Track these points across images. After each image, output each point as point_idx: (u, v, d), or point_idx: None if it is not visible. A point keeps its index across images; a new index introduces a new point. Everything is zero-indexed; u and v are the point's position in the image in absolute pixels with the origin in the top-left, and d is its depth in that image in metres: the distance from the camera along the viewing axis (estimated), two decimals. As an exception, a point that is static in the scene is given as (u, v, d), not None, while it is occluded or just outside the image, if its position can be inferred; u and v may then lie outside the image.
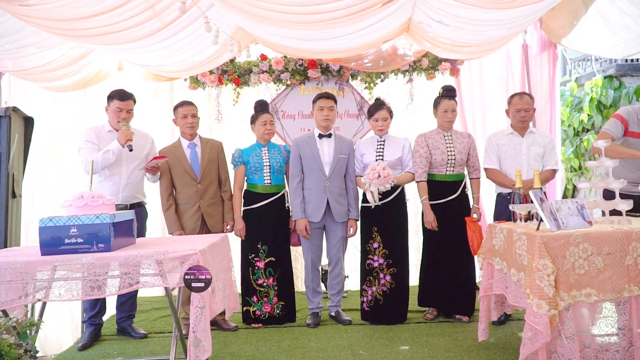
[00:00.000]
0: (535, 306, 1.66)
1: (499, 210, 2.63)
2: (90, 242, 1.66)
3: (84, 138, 2.48)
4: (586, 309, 1.74)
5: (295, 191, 2.65)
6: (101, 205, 1.76)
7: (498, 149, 2.63)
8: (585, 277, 1.70)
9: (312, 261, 2.69)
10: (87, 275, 1.62)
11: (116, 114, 2.49)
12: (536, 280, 1.67)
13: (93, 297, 1.65)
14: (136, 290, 2.41)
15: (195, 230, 2.60)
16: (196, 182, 2.61)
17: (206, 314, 1.64)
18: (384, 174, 2.47)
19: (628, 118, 2.30)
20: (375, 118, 2.67)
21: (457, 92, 3.49)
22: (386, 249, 2.61)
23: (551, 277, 1.66)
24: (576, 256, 1.71)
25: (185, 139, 2.68)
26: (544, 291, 1.65)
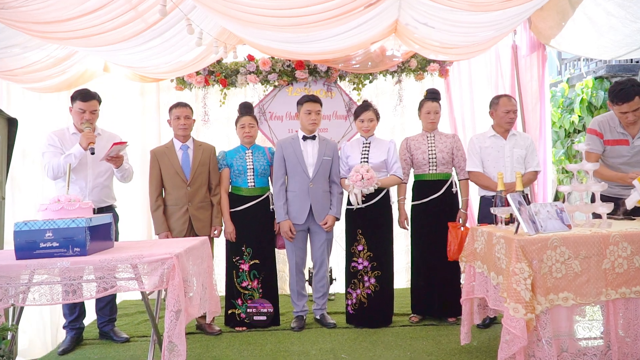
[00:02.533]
0: (512, 310, 1.67)
1: (482, 213, 2.66)
2: (65, 246, 1.66)
3: (47, 142, 2.45)
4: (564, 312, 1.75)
5: (279, 193, 2.67)
6: (77, 209, 1.77)
7: (481, 151, 2.66)
8: (563, 280, 1.72)
9: (296, 263, 2.71)
10: (63, 279, 1.62)
11: (79, 115, 2.46)
12: (513, 284, 1.68)
13: (69, 302, 1.66)
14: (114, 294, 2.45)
15: (182, 233, 2.62)
16: (186, 184, 2.62)
17: (182, 318, 1.65)
18: (367, 176, 2.49)
19: (601, 129, 2.34)
20: (361, 119, 2.69)
21: (446, 93, 3.57)
22: (370, 251, 2.63)
23: (528, 281, 1.67)
24: (553, 260, 1.72)
25: (178, 140, 2.70)
26: (521, 295, 1.67)
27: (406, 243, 3.44)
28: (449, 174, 2.74)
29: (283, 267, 3.59)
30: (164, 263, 1.66)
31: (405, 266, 3.56)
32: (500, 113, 2.65)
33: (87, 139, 2.35)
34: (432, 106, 2.73)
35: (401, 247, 3.56)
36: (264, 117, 3.52)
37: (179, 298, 1.63)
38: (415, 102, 3.06)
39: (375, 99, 3.57)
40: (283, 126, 3.53)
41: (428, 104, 2.75)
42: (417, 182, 2.79)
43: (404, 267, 3.58)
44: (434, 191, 2.68)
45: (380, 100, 3.64)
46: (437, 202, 2.68)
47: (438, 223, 2.66)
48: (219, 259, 3.47)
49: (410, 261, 2.87)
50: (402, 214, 2.77)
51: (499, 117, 2.66)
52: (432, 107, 2.73)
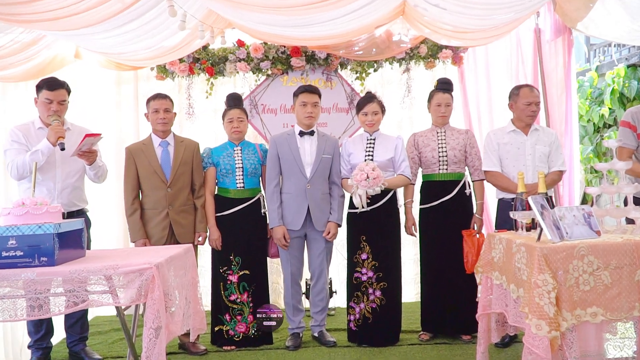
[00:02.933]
0: (534, 327, 1.67)
1: (501, 217, 2.66)
2: (31, 255, 1.65)
3: (9, 138, 2.43)
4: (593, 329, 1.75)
5: (272, 195, 2.66)
6: (45, 213, 1.76)
7: (499, 148, 2.66)
8: (591, 294, 1.72)
9: (291, 274, 2.71)
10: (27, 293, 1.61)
11: (46, 107, 2.44)
12: (535, 297, 1.68)
13: (34, 318, 1.66)
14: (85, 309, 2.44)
15: (162, 240, 2.61)
16: (166, 185, 2.62)
17: (162, 336, 1.64)
18: (373, 175, 2.49)
19: (635, 121, 2.35)
20: (365, 112, 2.69)
21: (460, 83, 3.58)
22: (376, 260, 2.63)
23: (552, 294, 1.67)
24: (580, 270, 1.72)
25: (157, 136, 2.69)
26: (544, 310, 1.66)
27: (414, 251, 3.45)
28: (461, 174, 2.75)
29: (277, 278, 3.59)
30: (142, 274, 1.65)
31: (414, 277, 3.57)
32: (520, 105, 2.65)
33: (56, 133, 2.32)
34: (443, 98, 2.74)
35: (409, 255, 3.56)
36: (256, 110, 3.52)
37: (159, 313, 1.62)
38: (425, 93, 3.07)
39: (380, 90, 3.57)
40: (277, 120, 3.53)
41: (438, 96, 2.75)
42: (426, 183, 2.79)
43: (413, 278, 3.59)
44: (445, 193, 2.69)
45: (386, 91, 3.64)
46: (448, 205, 2.68)
47: (449, 229, 2.66)
48: (204, 269, 3.46)
49: (419, 271, 2.87)
50: (409, 219, 2.78)
51: (519, 110, 2.66)
52: (443, 98, 2.74)
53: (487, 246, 2.22)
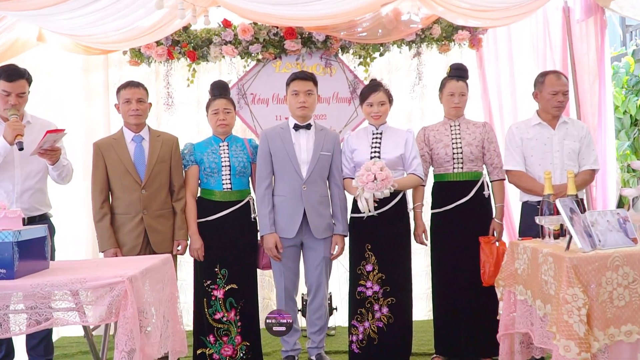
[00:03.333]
0: (562, 349, 1.69)
1: (525, 223, 2.67)
2: (-14, 266, 1.66)
3: None
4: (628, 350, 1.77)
5: (263, 198, 2.67)
6: (3, 219, 1.77)
7: (522, 144, 2.68)
8: (626, 310, 1.74)
9: (285, 289, 2.72)
10: (-19, 310, 1.62)
11: (3, 100, 2.44)
12: (564, 314, 1.70)
13: (-10, 339, 1.66)
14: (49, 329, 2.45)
15: (136, 249, 2.62)
16: (140, 186, 2.62)
17: (137, 359, 1.65)
18: (382, 176, 2.49)
19: None
20: (370, 102, 2.71)
21: (479, 69, 3.59)
22: (383, 272, 2.64)
23: (582, 311, 1.69)
24: (615, 284, 1.74)
25: (130, 130, 2.70)
26: (573, 329, 1.68)
27: (426, 262, 3.45)
28: (478, 173, 2.75)
29: (268, 293, 3.59)
30: (113, 289, 1.66)
31: (425, 292, 3.58)
32: (546, 95, 2.66)
33: (14, 130, 2.33)
34: (456, 86, 2.75)
35: (420, 267, 3.57)
36: (244, 100, 3.53)
37: (132, 334, 1.63)
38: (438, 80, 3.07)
39: (387, 77, 3.59)
40: (269, 112, 3.54)
41: (451, 84, 2.76)
42: (438, 185, 2.80)
43: (425, 293, 3.60)
44: (460, 195, 2.69)
45: (394, 78, 3.65)
46: (463, 209, 2.69)
47: (465, 236, 2.67)
48: (185, 283, 3.47)
49: (431, 286, 2.88)
50: (419, 225, 2.78)
51: (544, 101, 2.67)
52: (457, 87, 2.75)
53: (509, 256, 2.23)
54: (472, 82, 2.95)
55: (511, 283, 2.20)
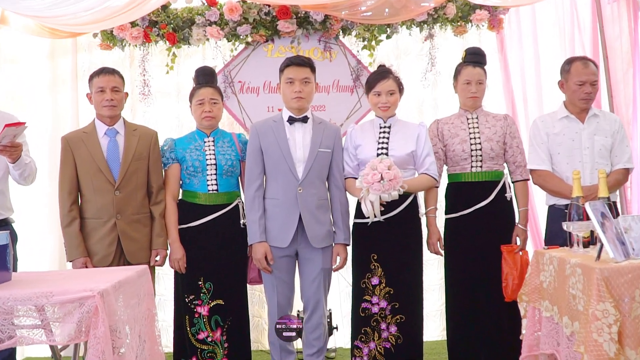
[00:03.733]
0: (591, 371, 1.70)
1: (552, 230, 2.70)
2: (-61, 279, 1.68)
3: None
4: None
5: (253, 202, 2.68)
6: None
7: (548, 140, 2.70)
8: (664, 328, 1.75)
9: (278, 305, 2.72)
10: None
11: None
12: (593, 333, 1.71)
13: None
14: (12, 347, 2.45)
15: (108, 259, 2.64)
16: (113, 187, 2.64)
17: (109, 385, 1.67)
18: (390, 175, 2.49)
19: None
20: (377, 91, 2.72)
21: (500, 53, 3.61)
22: (391, 286, 2.65)
23: (613, 328, 1.70)
24: (651, 298, 1.75)
25: (103, 123, 2.71)
26: (603, 349, 1.69)
27: (440, 275, 3.49)
28: (499, 173, 2.77)
29: (259, 310, 3.61)
30: (83, 304, 1.67)
31: (439, 309, 3.60)
32: (572, 85, 2.68)
33: None
34: (473, 73, 2.77)
35: (433, 280, 3.59)
36: (231, 88, 3.54)
37: (104, 355, 1.64)
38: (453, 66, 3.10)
39: (395, 63, 3.60)
40: (260, 103, 3.56)
41: (467, 70, 2.78)
42: (454, 186, 2.82)
43: (438, 310, 3.62)
44: (478, 198, 2.71)
45: (403, 64, 3.67)
46: (482, 214, 2.70)
47: (485, 244, 2.69)
48: (164, 298, 3.49)
49: (445, 301, 2.90)
50: (433, 233, 2.80)
51: (570, 91, 2.69)
52: (474, 74, 2.77)
53: (534, 267, 2.25)
54: (491, 69, 2.97)
55: (536, 298, 2.22)
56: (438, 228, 2.82)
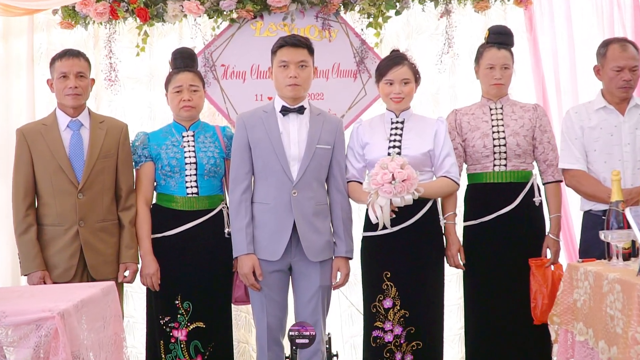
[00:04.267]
0: (632, 404, 1.74)
1: (587, 240, 2.72)
2: None
3: None
4: None
5: (239, 207, 2.69)
6: None
7: (583, 135, 2.72)
8: None
9: (268, 329, 2.73)
10: None
11: None
12: (633, 359, 1.74)
13: None
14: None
15: (69, 274, 2.65)
16: (76, 189, 2.65)
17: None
18: (403, 175, 2.50)
19: None
20: (389, 80, 2.74)
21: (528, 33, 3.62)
22: (406, 308, 2.65)
23: (658, 355, 1.74)
24: (701, 319, 1.78)
25: (65, 113, 2.73)
26: (646, 378, 1.73)
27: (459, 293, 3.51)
28: (527, 173, 2.80)
29: (246, 335, 3.62)
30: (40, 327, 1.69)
31: (458, 332, 3.60)
32: (608, 71, 2.70)
33: None
34: (497, 56, 2.79)
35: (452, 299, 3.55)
36: (213, 73, 3.55)
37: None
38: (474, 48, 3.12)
39: (405, 44, 3.61)
40: (246, 90, 3.57)
41: (491, 53, 2.80)
42: (474, 188, 2.85)
43: (457, 335, 3.61)
44: (502, 203, 2.74)
45: (415, 44, 3.68)
46: (507, 221, 2.73)
47: (510, 258, 2.71)
48: (134, 320, 3.49)
49: (464, 324, 2.93)
50: (452, 242, 2.80)
51: (607, 78, 2.72)
52: (498, 57, 2.79)
53: (567, 284, 2.28)
54: (519, 51, 2.99)
55: (569, 319, 2.24)
56: (458, 237, 2.84)
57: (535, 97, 3.60)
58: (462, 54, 3.59)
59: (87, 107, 2.80)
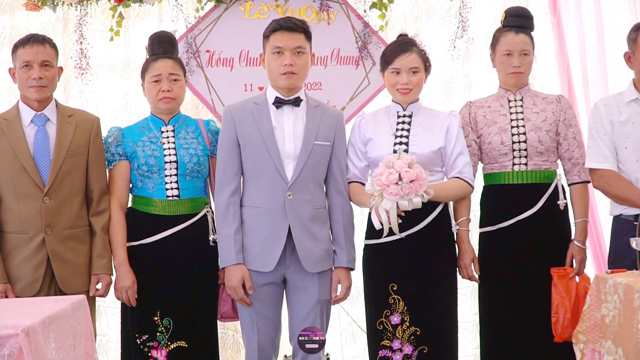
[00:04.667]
0: None
1: (617, 248, 2.72)
2: None
3: None
4: None
5: (226, 211, 2.69)
6: None
7: (613, 130, 2.72)
8: None
9: (259, 349, 2.73)
10: None
11: None
12: (668, 383, 1.77)
13: None
14: None
15: (34, 287, 2.65)
16: (42, 192, 2.66)
17: None
18: (411, 175, 2.49)
19: None
20: (396, 68, 2.75)
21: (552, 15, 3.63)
22: (417, 325, 2.66)
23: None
24: None
25: (29, 107, 2.74)
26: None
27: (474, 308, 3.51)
28: (551, 173, 2.82)
29: (234, 355, 3.63)
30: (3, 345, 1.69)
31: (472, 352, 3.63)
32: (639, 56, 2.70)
33: None
34: (515, 41, 2.80)
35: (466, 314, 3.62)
36: (197, 61, 3.57)
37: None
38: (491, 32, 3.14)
39: (413, 27, 3.63)
40: (234, 79, 3.59)
41: (508, 38, 2.82)
42: (491, 190, 2.87)
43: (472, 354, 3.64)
44: (522, 206, 2.76)
45: (425, 28, 3.71)
46: (528, 227, 2.74)
47: (530, 268, 2.73)
48: (107, 339, 3.51)
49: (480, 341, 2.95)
50: (465, 251, 2.81)
51: (639, 66, 2.72)
52: (517, 43, 2.80)
53: (594, 297, 2.28)
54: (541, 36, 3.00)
55: (596, 337, 2.24)
56: (472, 246, 2.85)
57: (560, 88, 3.62)
58: (477, 39, 3.62)
59: (54, 99, 2.81)
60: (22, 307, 2.07)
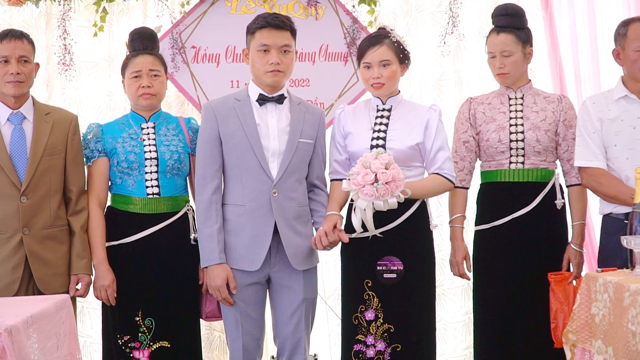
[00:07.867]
0: None
1: (608, 246, 2.72)
2: None
3: None
4: None
5: (208, 209, 2.68)
6: None
7: (603, 128, 2.72)
8: None
9: (244, 349, 2.72)
10: None
11: None
12: (657, 383, 1.75)
13: None
14: None
15: (12, 288, 2.65)
16: (19, 191, 2.66)
17: None
18: (387, 176, 2.49)
19: None
20: (367, 62, 2.73)
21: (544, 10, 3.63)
22: (390, 322, 2.66)
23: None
24: None
25: (5, 104, 2.73)
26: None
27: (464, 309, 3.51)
28: (549, 173, 2.81)
29: (219, 356, 3.63)
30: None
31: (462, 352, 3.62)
32: (630, 53, 2.70)
33: None
34: (494, 43, 2.82)
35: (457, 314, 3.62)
36: (182, 57, 3.57)
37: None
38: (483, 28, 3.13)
39: (403, 22, 3.64)
40: (220, 75, 3.59)
41: (490, 40, 2.85)
42: (488, 187, 2.86)
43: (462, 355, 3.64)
44: (518, 204, 2.75)
45: (415, 23, 3.71)
46: (524, 227, 2.74)
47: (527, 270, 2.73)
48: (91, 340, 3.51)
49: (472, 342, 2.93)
50: (458, 249, 2.83)
51: (628, 62, 2.72)
52: (496, 44, 2.81)
53: (584, 296, 2.28)
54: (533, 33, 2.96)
55: (586, 337, 2.24)
56: (465, 244, 2.85)
57: (552, 85, 3.63)
58: (468, 35, 3.62)
59: (31, 96, 2.80)
60: (4, 306, 2.04)
